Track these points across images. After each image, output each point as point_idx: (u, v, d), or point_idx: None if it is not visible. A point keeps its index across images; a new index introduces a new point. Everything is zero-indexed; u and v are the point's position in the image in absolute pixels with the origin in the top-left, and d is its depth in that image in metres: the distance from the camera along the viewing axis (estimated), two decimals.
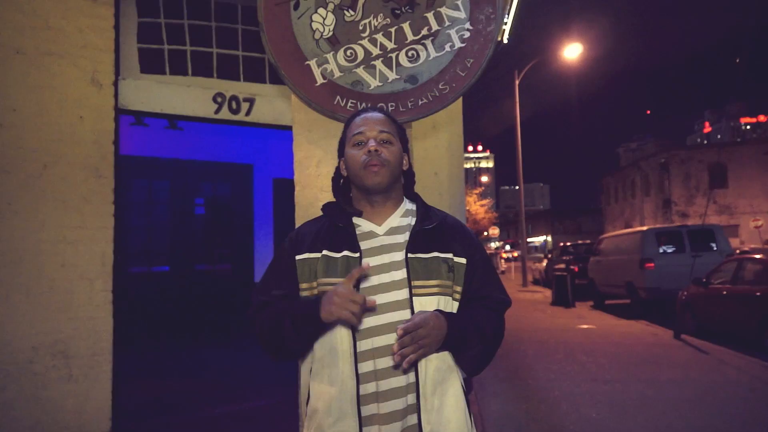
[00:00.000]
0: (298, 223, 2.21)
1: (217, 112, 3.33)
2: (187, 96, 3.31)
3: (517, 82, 18.85)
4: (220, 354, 5.91)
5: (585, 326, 8.95)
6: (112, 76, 2.99)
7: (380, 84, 2.16)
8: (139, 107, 3.19)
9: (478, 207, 36.92)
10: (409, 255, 1.33)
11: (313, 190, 2.24)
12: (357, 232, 1.38)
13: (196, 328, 6.53)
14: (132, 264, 6.67)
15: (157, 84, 3.27)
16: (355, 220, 1.41)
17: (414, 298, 1.30)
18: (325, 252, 1.35)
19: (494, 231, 29.66)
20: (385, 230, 1.39)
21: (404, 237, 1.38)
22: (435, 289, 1.33)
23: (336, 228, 1.39)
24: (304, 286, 1.36)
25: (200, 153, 6.83)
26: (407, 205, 1.46)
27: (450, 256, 1.37)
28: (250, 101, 3.38)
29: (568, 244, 18.35)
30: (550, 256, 19.20)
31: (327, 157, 2.28)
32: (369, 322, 1.30)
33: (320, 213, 1.51)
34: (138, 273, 6.68)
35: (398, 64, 2.17)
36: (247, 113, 3.39)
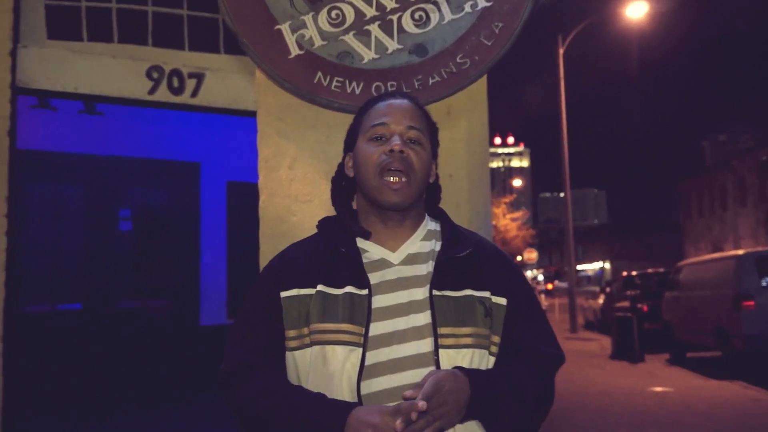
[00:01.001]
0: (263, 245, 2.22)
1: (152, 91, 3.35)
2: (111, 70, 3.35)
3: (561, 52, 19.06)
4: (152, 425, 5.87)
5: (658, 389, 8.95)
6: (8, 43, 3.02)
7: (377, 56, 2.20)
8: (45, 85, 3.22)
9: (508, 221, 37.08)
10: (435, 292, 1.35)
11: (284, 200, 2.26)
12: (364, 260, 1.40)
13: (120, 389, 6.49)
14: (30, 301, 6.64)
15: (71, 54, 3.30)
16: (361, 243, 1.44)
17: (441, 351, 1.32)
18: (321, 287, 1.37)
19: (531, 255, 29.67)
20: (402, 258, 1.42)
21: (427, 268, 1.40)
22: (468, 339, 1.34)
23: (335, 254, 1.40)
24: (291, 333, 1.37)
25: (127, 147, 6.86)
26: (429, 224, 1.50)
27: (487, 294, 1.40)
28: (198, 77, 3.42)
29: (634, 273, 18.40)
30: (608, 289, 19.23)
31: (303, 155, 2.30)
32: (381, 383, 1.30)
33: (295, 231, 1.53)
34: (38, 313, 6.65)
35: (401, 29, 2.21)
36: (194, 94, 3.42)
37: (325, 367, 1.32)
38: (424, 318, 1.34)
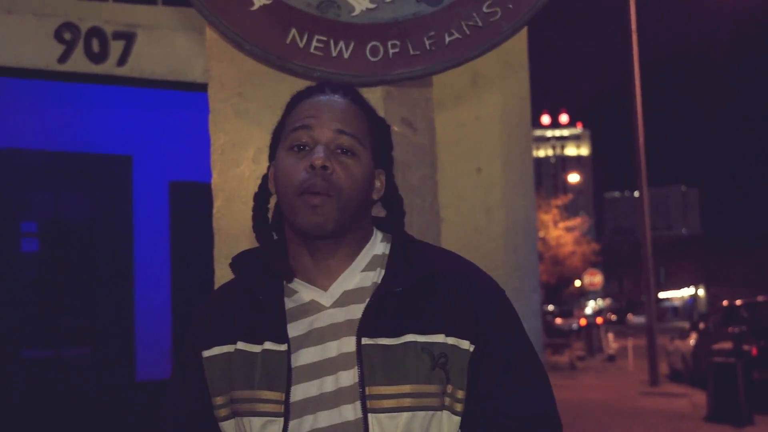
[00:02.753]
0: (219, 269, 2.24)
1: (63, 59, 3.36)
2: (6, 30, 3.36)
3: None
4: None
5: None
6: None
7: (372, 6, 2.21)
8: None
9: (561, 232, 37.03)
10: (365, 341, 1.43)
11: (247, 206, 2.23)
12: (290, 305, 1.49)
13: None
14: None
15: None
16: (292, 282, 1.52)
17: (370, 417, 1.40)
18: (240, 344, 1.49)
19: (593, 279, 29.65)
20: (335, 298, 1.49)
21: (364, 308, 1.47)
22: (407, 401, 1.41)
23: (256, 300, 1.51)
24: (218, 401, 1.51)
25: (29, 137, 6.87)
26: (377, 247, 1.56)
27: (439, 339, 1.44)
28: (127, 38, 3.43)
29: (738, 303, 18.32)
30: (702, 325, 19.17)
31: None
32: None
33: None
34: None
35: None
36: (121, 61, 3.43)
37: None
38: (352, 375, 1.41)
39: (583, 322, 31.76)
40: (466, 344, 1.44)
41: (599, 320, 30.77)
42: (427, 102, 2.61)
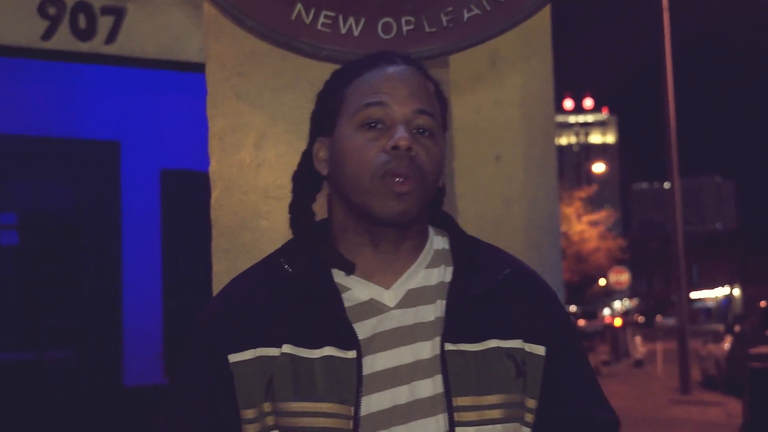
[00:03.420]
0: (217, 264, 2.24)
1: (47, 36, 3.36)
2: None
3: None
4: None
5: None
6: None
7: None
8: None
9: (585, 227, 37.00)
10: (448, 347, 1.39)
11: (248, 196, 2.27)
12: (346, 305, 1.42)
13: None
14: None
15: None
16: (339, 277, 1.45)
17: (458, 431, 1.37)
18: (287, 348, 1.39)
19: (620, 277, 29.62)
20: (400, 297, 1.44)
21: (435, 310, 1.44)
22: (496, 412, 1.39)
23: (305, 295, 1.43)
24: (249, 414, 1.40)
25: (8, 121, 6.89)
26: (435, 241, 1.53)
27: (517, 344, 1.44)
28: (116, 14, 3.43)
29: None
30: (738, 328, 19.15)
31: (277, 128, 2.32)
32: None
33: (264, 242, 1.55)
34: None
35: None
36: (110, 38, 3.43)
37: None
38: (433, 385, 1.38)
39: (618, 322, 30.81)
40: (541, 350, 1.45)
41: (617, 322, 30.32)
42: (444, 84, 2.60)
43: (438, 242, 1.53)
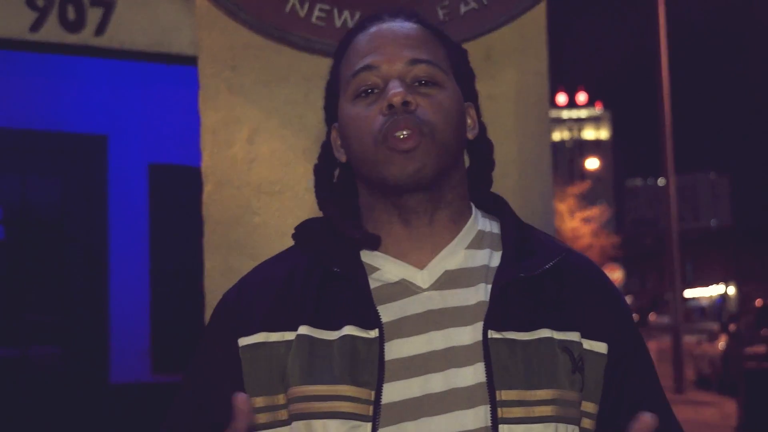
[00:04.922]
0: (209, 260, 2.24)
1: (35, 27, 3.35)
2: None
3: None
4: None
5: None
6: None
7: None
8: None
9: (578, 223, 37.10)
10: (492, 334, 1.29)
11: (241, 191, 2.28)
12: (372, 285, 1.34)
13: None
14: None
15: None
16: (368, 257, 1.38)
17: (501, 429, 1.26)
18: (304, 329, 1.31)
19: (614, 274, 29.65)
20: (435, 278, 1.36)
21: (477, 294, 1.34)
22: (546, 409, 1.28)
23: (327, 277, 1.36)
24: (259, 402, 1.31)
25: None
26: (480, 222, 1.44)
27: (575, 337, 1.34)
28: (106, 5, 3.41)
29: None
30: (733, 327, 19.21)
31: (270, 122, 2.32)
32: None
33: (257, 237, 1.53)
34: None
35: None
36: (99, 30, 3.41)
37: None
38: (473, 374, 1.27)
39: None
40: (603, 348, 1.34)
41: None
42: None
43: (484, 224, 1.43)
